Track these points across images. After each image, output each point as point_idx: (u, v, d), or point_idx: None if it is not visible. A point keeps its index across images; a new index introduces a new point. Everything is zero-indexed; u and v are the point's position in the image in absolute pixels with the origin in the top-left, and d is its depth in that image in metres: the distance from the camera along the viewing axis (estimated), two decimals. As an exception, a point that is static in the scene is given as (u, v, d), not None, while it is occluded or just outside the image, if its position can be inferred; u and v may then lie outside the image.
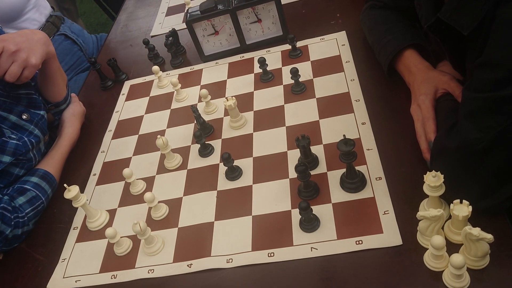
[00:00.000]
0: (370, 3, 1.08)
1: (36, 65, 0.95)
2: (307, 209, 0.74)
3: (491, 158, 0.64)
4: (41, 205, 0.96)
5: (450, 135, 0.70)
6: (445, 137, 0.71)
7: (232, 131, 1.02)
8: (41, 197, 0.96)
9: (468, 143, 0.65)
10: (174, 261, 0.80)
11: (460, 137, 0.66)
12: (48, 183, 0.99)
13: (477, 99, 0.64)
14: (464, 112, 0.67)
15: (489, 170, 0.65)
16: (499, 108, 0.61)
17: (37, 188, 0.96)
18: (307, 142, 0.83)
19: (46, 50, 1.00)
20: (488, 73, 0.62)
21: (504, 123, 0.61)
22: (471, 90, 0.66)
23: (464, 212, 0.64)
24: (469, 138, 0.64)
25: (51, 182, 1.00)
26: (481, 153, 0.64)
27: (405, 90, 0.95)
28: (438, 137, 0.74)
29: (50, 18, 1.58)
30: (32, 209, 0.94)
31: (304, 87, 1.05)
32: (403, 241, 0.71)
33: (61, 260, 0.88)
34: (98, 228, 0.92)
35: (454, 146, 0.67)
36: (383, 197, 0.78)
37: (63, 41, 1.59)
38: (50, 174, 1.00)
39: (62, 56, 1.56)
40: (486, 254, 0.64)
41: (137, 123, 1.14)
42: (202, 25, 1.19)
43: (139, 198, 0.94)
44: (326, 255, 0.73)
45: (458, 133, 0.67)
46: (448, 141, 0.69)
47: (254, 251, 0.77)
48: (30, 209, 0.94)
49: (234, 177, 0.90)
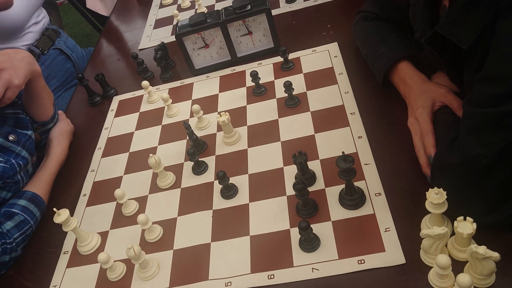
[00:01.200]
0: (362, 14, 1.07)
1: (19, 85, 0.92)
2: (307, 229, 0.72)
3: (494, 173, 0.63)
4: (30, 229, 0.93)
5: (452, 150, 0.68)
6: (447, 152, 0.69)
7: (226, 147, 0.99)
8: (30, 220, 0.92)
9: (471, 158, 0.63)
10: (170, 286, 0.78)
11: (462, 152, 0.65)
12: (36, 206, 0.95)
13: (480, 114, 0.63)
14: (466, 127, 0.66)
15: (493, 185, 0.64)
16: (502, 123, 0.60)
17: (25, 212, 0.92)
18: (304, 158, 0.81)
19: (30, 70, 0.96)
20: (490, 88, 0.61)
21: (507, 138, 0.60)
22: (473, 104, 0.65)
23: (469, 230, 0.63)
24: (472, 154, 0.63)
25: (39, 204, 0.96)
26: (485, 169, 0.63)
27: (400, 102, 0.94)
28: (439, 152, 0.73)
29: (46, 32, 1.52)
30: (21, 233, 0.90)
31: (298, 101, 1.03)
32: (406, 260, 0.69)
33: (51, 286, 0.85)
34: (90, 252, 0.88)
35: (456, 161, 0.66)
36: (384, 213, 0.76)
37: (57, 55, 1.53)
38: (38, 196, 0.97)
39: (55, 72, 1.51)
40: (492, 272, 0.63)
41: (127, 140, 1.12)
42: (192, 39, 1.17)
43: (132, 219, 0.91)
44: (328, 276, 0.71)
45: (460, 148, 0.66)
46: (450, 156, 0.68)
47: (254, 273, 0.75)
48: (18, 234, 0.90)
49: (229, 196, 0.88)
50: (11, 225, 0.89)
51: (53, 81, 1.51)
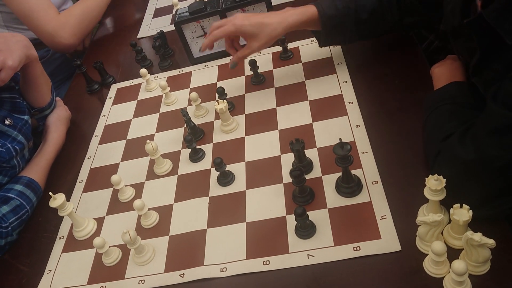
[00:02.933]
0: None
1: (13, 67, 0.91)
2: (303, 215, 0.72)
3: (505, 176, 0.63)
4: (26, 214, 0.92)
5: (465, 144, 0.67)
6: (459, 145, 0.68)
7: (224, 135, 0.99)
8: (26, 205, 0.92)
9: (487, 159, 0.63)
10: (165, 271, 0.78)
11: (478, 151, 0.64)
12: (33, 191, 0.95)
13: (506, 116, 0.61)
14: (488, 127, 0.64)
15: (498, 185, 0.64)
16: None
17: (21, 197, 0.92)
18: (302, 146, 0.81)
19: (27, 53, 0.96)
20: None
21: None
22: (499, 103, 0.62)
23: (465, 217, 0.63)
24: (489, 154, 0.62)
25: (36, 190, 0.96)
26: (497, 170, 0.63)
27: (399, 91, 0.94)
28: (449, 143, 0.71)
29: None
30: (16, 218, 0.90)
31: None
32: (401, 247, 0.69)
33: (46, 271, 0.85)
34: (86, 237, 0.88)
35: (470, 158, 0.65)
36: (380, 201, 0.76)
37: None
38: (35, 181, 0.97)
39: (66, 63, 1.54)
40: (487, 260, 0.63)
41: (125, 127, 1.11)
42: (191, 27, 1.17)
43: (128, 205, 0.91)
44: (323, 262, 0.71)
45: (476, 146, 0.65)
46: (462, 151, 0.66)
47: (249, 259, 0.75)
48: (14, 218, 0.90)
49: (226, 183, 0.88)
50: (6, 210, 0.89)
51: (59, 73, 1.54)
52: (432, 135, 0.77)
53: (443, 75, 0.87)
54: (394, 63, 0.99)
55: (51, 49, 1.48)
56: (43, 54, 1.57)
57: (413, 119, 0.87)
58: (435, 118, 0.79)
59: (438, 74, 0.89)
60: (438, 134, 0.75)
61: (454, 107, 0.78)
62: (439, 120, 0.78)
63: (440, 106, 0.79)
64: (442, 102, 0.80)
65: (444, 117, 0.77)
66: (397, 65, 0.98)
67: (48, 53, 1.55)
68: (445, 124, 0.75)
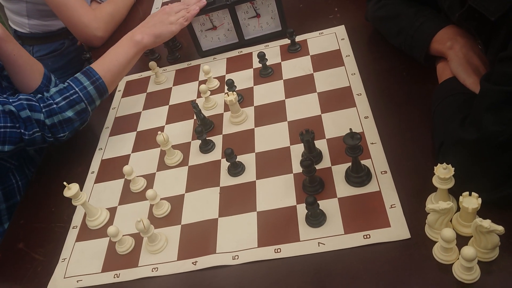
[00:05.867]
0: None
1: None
2: (314, 204, 0.73)
3: (510, 151, 0.64)
4: (75, 95, 0.96)
5: (465, 127, 0.69)
6: (460, 129, 0.70)
7: (233, 126, 1.00)
8: (74, 87, 0.96)
9: (488, 135, 0.64)
10: (178, 259, 0.79)
11: (480, 129, 0.65)
12: (86, 76, 0.99)
13: (500, 92, 0.63)
14: (485, 105, 0.65)
15: (503, 163, 0.65)
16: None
17: (72, 80, 0.98)
18: (312, 136, 0.82)
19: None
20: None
21: None
22: (492, 82, 0.65)
23: (474, 204, 0.64)
24: (490, 131, 0.64)
25: (90, 75, 0.99)
26: (501, 146, 0.64)
27: (407, 83, 0.95)
28: (452, 130, 0.72)
29: None
30: (63, 98, 0.95)
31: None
32: (411, 235, 0.71)
33: (61, 260, 0.86)
34: (99, 226, 0.90)
35: (473, 138, 0.66)
36: (389, 190, 0.77)
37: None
38: (92, 69, 1.01)
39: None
40: (496, 246, 0.64)
41: (135, 119, 1.13)
42: (200, 20, 1.18)
43: (140, 195, 0.92)
44: (334, 250, 0.73)
45: (477, 124, 0.66)
46: (465, 133, 0.68)
47: (260, 247, 0.76)
48: (61, 98, 0.94)
49: (237, 173, 0.89)
50: (53, 91, 0.96)
51: (71, 66, 1.59)
52: (438, 127, 0.78)
53: (447, 69, 0.87)
54: (401, 56, 1.00)
55: (80, 40, 1.52)
56: (57, 46, 1.60)
57: (421, 111, 0.88)
58: (441, 109, 0.80)
59: (443, 67, 0.89)
60: (443, 125, 0.76)
61: (460, 98, 0.79)
62: (444, 111, 0.79)
63: (446, 98, 0.80)
64: (449, 93, 0.81)
65: (449, 108, 0.79)
66: (404, 58, 0.99)
67: (62, 46, 1.58)
68: (449, 116, 0.77)
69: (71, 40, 1.63)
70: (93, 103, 1.01)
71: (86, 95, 0.98)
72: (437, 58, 0.92)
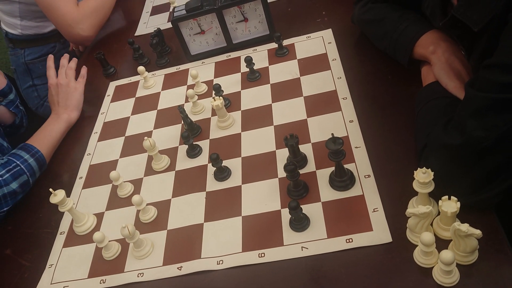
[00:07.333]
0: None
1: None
2: (296, 209, 0.74)
3: (492, 156, 0.65)
4: (17, 167, 0.97)
5: (449, 131, 0.69)
6: (444, 133, 0.70)
7: (220, 131, 1.01)
8: (15, 161, 0.97)
9: (472, 140, 0.65)
10: (163, 264, 0.80)
11: (464, 134, 0.66)
12: (25, 150, 1.00)
13: (485, 98, 0.63)
14: (469, 110, 0.66)
15: (485, 167, 0.66)
16: (506, 108, 0.61)
17: (11, 155, 0.98)
18: (296, 141, 0.82)
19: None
20: (498, 75, 0.61)
21: (509, 122, 0.61)
22: (476, 88, 0.65)
23: (453, 208, 0.65)
24: (474, 136, 0.64)
25: (29, 149, 1.01)
26: (484, 152, 0.64)
27: (392, 86, 0.95)
28: (435, 134, 0.73)
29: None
30: (7, 171, 0.95)
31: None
32: (392, 239, 0.71)
33: (48, 265, 0.87)
34: (86, 232, 0.90)
35: (456, 143, 0.67)
36: (372, 194, 0.78)
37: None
38: (29, 144, 1.02)
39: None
40: (474, 250, 0.64)
41: (123, 124, 1.13)
42: (188, 24, 1.18)
43: (127, 200, 0.93)
44: (317, 254, 0.73)
45: (461, 130, 0.66)
46: (448, 138, 0.68)
47: (245, 252, 0.77)
48: (4, 171, 0.94)
49: (223, 178, 0.90)
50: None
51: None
52: (420, 130, 0.79)
53: (431, 73, 0.88)
54: (387, 59, 1.00)
55: (69, 40, 1.52)
56: (49, 50, 1.61)
57: (406, 114, 0.89)
58: (423, 113, 0.81)
59: (427, 71, 0.90)
60: (425, 129, 0.77)
61: (442, 101, 0.80)
62: (427, 115, 0.80)
63: (429, 102, 0.81)
64: (432, 97, 0.82)
65: (432, 112, 0.79)
66: (390, 61, 1.00)
67: (54, 49, 1.58)
68: (432, 119, 0.77)
69: (62, 44, 1.63)
70: (34, 175, 1.01)
71: (28, 167, 0.99)
72: (421, 61, 0.93)
